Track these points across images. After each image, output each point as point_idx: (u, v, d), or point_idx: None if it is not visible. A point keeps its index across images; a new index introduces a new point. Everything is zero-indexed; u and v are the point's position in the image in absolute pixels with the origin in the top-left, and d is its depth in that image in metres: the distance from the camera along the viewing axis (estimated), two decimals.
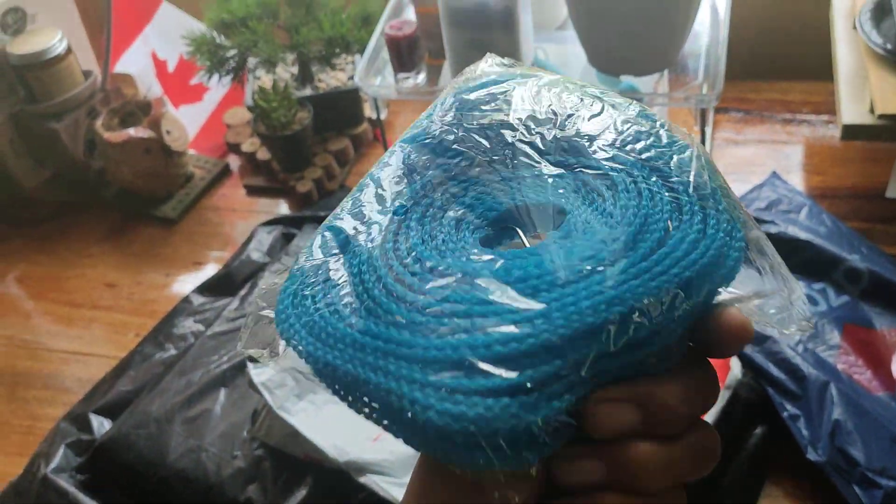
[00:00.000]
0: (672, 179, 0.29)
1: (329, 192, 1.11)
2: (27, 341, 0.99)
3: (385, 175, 0.32)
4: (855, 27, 0.92)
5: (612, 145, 0.30)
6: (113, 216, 1.16)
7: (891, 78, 0.86)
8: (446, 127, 0.32)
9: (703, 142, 0.93)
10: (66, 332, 0.99)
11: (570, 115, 0.31)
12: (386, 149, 1.02)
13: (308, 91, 1.13)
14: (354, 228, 0.31)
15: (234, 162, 1.21)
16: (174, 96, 1.20)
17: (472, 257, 0.28)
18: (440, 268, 0.28)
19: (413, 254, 0.29)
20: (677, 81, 0.95)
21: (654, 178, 0.29)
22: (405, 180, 0.32)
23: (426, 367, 0.26)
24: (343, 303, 0.29)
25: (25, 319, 1.02)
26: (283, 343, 0.30)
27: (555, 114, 0.31)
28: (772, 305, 0.29)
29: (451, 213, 0.30)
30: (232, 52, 1.07)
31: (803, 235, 0.88)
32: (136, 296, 1.03)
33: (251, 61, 1.10)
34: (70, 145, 1.11)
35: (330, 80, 1.15)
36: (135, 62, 1.15)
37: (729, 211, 0.28)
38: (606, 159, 0.30)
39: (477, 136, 0.32)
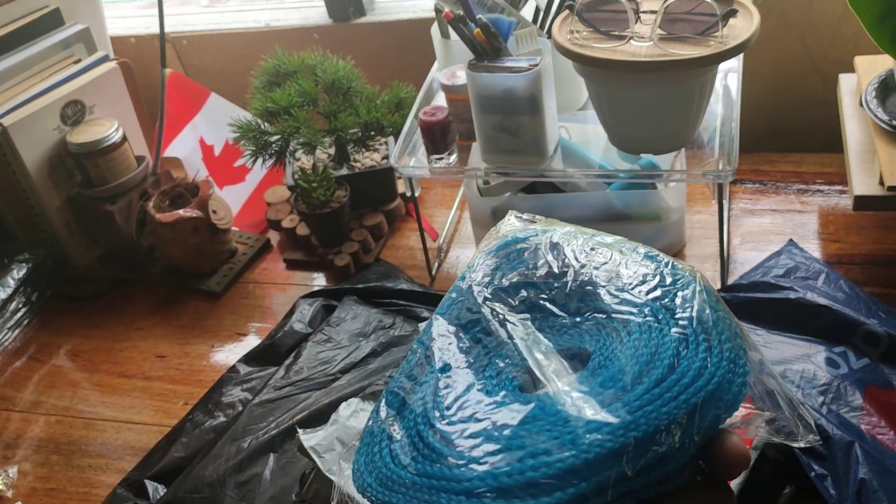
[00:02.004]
0: (677, 315, 0.32)
1: (365, 265, 1.16)
2: (82, 411, 1.04)
3: (430, 338, 0.37)
4: (861, 104, 0.98)
5: (621, 289, 0.34)
6: (161, 291, 1.22)
7: None
8: (478, 289, 0.37)
9: (720, 214, 0.98)
10: (118, 402, 1.04)
11: (583, 266, 0.35)
12: (420, 224, 1.08)
13: (345, 170, 1.20)
14: (409, 389, 0.36)
15: (274, 237, 1.28)
16: (219, 178, 1.27)
17: (508, 402, 0.32)
18: (489, 411, 0.32)
19: (459, 402, 0.33)
20: (695, 157, 1.00)
21: (661, 315, 0.32)
22: (449, 341, 0.36)
23: (471, 496, 0.29)
24: (403, 452, 0.33)
25: (80, 391, 1.08)
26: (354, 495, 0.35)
27: (568, 266, 0.35)
28: (779, 421, 0.32)
29: (490, 366, 0.35)
30: (275, 138, 1.14)
31: (822, 301, 0.92)
32: (184, 366, 1.08)
33: (292, 144, 1.18)
34: (123, 225, 1.19)
35: (365, 159, 1.22)
36: (184, 147, 1.24)
37: (731, 340, 0.31)
38: (617, 303, 0.33)
39: (503, 296, 0.36)
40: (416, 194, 1.09)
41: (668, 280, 0.33)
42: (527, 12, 1.05)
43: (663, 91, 0.89)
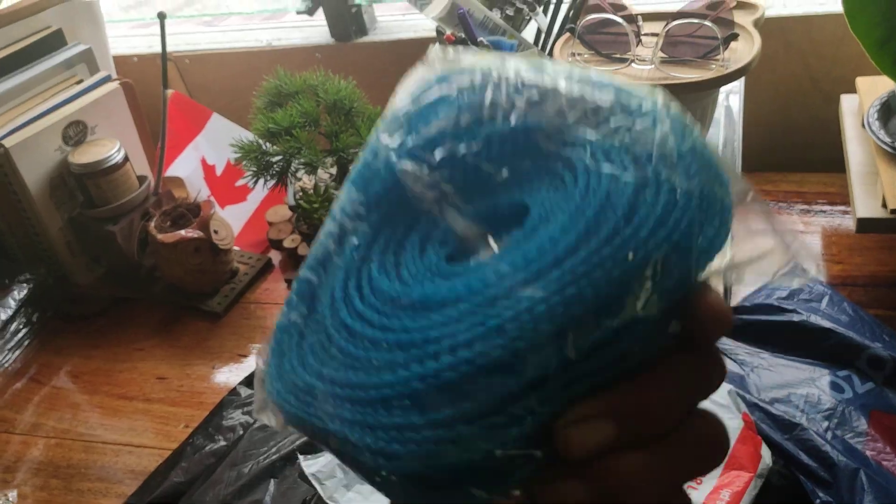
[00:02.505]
0: (636, 150, 0.25)
1: None
2: (82, 434, 1.03)
3: (338, 214, 0.31)
4: (863, 125, 0.98)
5: (563, 128, 0.27)
6: (162, 311, 1.22)
7: None
8: (392, 148, 0.30)
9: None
10: (118, 425, 1.04)
11: (514, 104, 0.28)
12: None
13: None
14: (319, 275, 0.30)
15: (275, 257, 1.28)
16: (221, 197, 1.27)
17: (430, 281, 0.27)
18: (401, 298, 0.26)
19: (374, 287, 0.28)
20: None
21: (613, 154, 0.26)
22: (359, 215, 0.30)
23: (377, 407, 0.24)
24: (312, 354, 0.28)
25: (80, 413, 1.07)
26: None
27: (496, 106, 0.28)
28: (772, 263, 0.26)
29: (414, 236, 0.29)
30: (277, 158, 1.14)
31: (825, 324, 0.91)
32: (185, 388, 1.07)
33: (294, 164, 1.18)
34: (124, 245, 1.18)
35: None
36: (185, 167, 1.24)
37: (703, 171, 0.25)
38: (558, 145, 0.27)
39: (421, 154, 0.29)
40: None
41: (623, 109, 0.26)
42: (528, 34, 1.05)
43: None
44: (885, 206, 0.90)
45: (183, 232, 1.14)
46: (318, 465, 0.75)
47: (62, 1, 1.24)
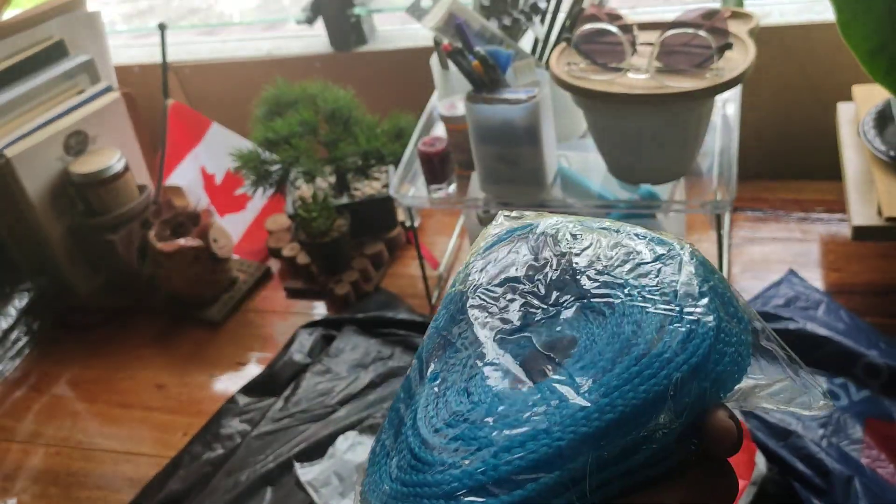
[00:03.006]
0: (662, 290, 0.30)
1: (365, 293, 1.16)
2: (81, 442, 1.04)
3: (425, 352, 0.37)
4: (859, 134, 0.98)
5: (601, 272, 0.32)
6: (161, 320, 1.22)
7: (895, 183, 0.91)
8: (465, 294, 0.36)
9: (720, 244, 0.98)
10: (117, 433, 1.04)
11: (563, 254, 0.34)
12: (419, 252, 1.08)
13: (345, 199, 1.20)
14: (406, 405, 0.35)
15: (274, 265, 1.28)
16: (220, 206, 1.28)
17: (487, 401, 0.31)
18: (470, 414, 0.31)
19: (448, 408, 0.33)
20: (694, 185, 1.00)
21: (643, 292, 0.31)
22: (439, 351, 0.36)
23: (450, 498, 0.29)
24: (398, 467, 0.33)
25: (79, 421, 1.08)
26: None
27: (548, 257, 0.34)
28: (786, 392, 0.30)
29: (481, 367, 0.34)
30: (276, 167, 1.15)
31: (822, 332, 0.92)
32: (184, 396, 1.08)
33: (292, 173, 1.18)
34: (124, 254, 1.19)
35: (365, 188, 1.23)
36: (185, 176, 1.24)
37: (722, 309, 0.30)
38: (597, 286, 0.32)
39: (485, 297, 0.35)
40: (416, 224, 1.10)
41: (653, 255, 0.32)
42: (525, 44, 1.05)
43: (660, 123, 0.89)
44: (880, 214, 0.90)
45: (182, 241, 1.15)
46: (314, 473, 0.75)
47: (64, 12, 1.25)
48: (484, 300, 0.35)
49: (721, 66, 0.86)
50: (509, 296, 0.34)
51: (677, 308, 0.29)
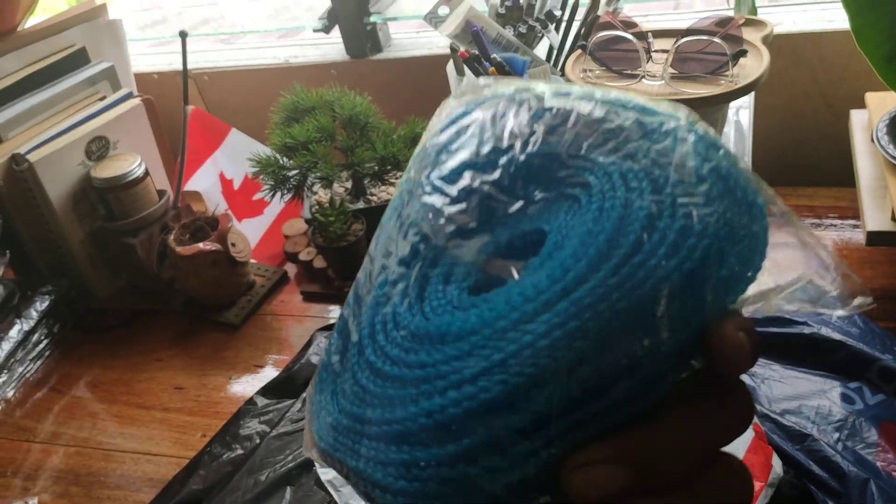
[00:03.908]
0: (654, 173, 0.24)
1: None
2: (101, 442, 1.05)
3: (373, 250, 0.31)
4: (873, 140, 0.99)
5: (577, 153, 0.26)
6: (180, 322, 1.24)
7: None
8: (417, 185, 0.30)
9: None
10: (137, 434, 1.05)
11: (532, 133, 0.27)
12: None
13: (361, 204, 1.22)
14: (352, 313, 0.30)
15: (291, 270, 1.30)
16: (238, 211, 1.30)
17: (449, 314, 0.26)
18: (420, 332, 0.26)
19: (398, 323, 0.27)
20: None
21: (629, 177, 0.24)
22: (388, 252, 0.30)
23: (389, 443, 0.24)
24: (342, 392, 0.28)
25: (99, 422, 1.09)
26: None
27: (514, 137, 0.28)
28: (810, 289, 0.25)
29: (438, 270, 0.28)
30: (293, 172, 1.17)
31: (836, 336, 0.92)
32: (202, 397, 1.09)
33: (310, 178, 1.20)
34: (144, 258, 1.21)
35: (381, 193, 1.24)
36: (204, 181, 1.26)
37: (729, 194, 0.24)
38: (572, 171, 0.26)
39: (441, 186, 0.29)
40: None
41: (643, 131, 0.25)
42: (540, 51, 1.07)
43: None
44: (894, 219, 0.91)
45: (201, 245, 1.16)
46: (334, 473, 0.76)
47: (86, 20, 1.28)
48: (441, 191, 0.28)
49: (735, 73, 0.87)
50: (466, 186, 0.28)
51: (668, 198, 0.23)
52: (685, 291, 0.22)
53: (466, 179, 0.28)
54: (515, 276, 0.25)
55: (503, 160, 0.27)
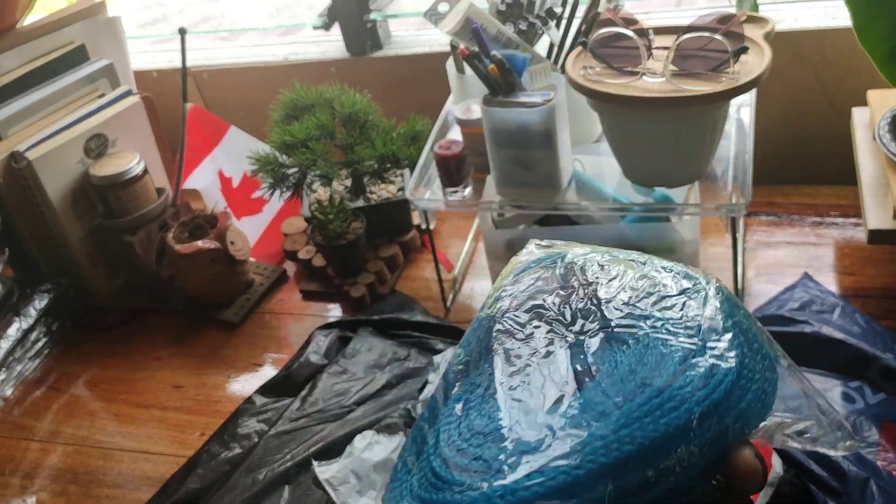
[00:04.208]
0: (687, 324, 0.30)
1: (381, 296, 1.17)
2: (100, 441, 1.05)
3: (449, 373, 0.37)
4: (875, 138, 0.99)
5: (627, 303, 0.33)
6: (179, 321, 1.23)
7: None
8: (490, 319, 0.37)
9: (734, 248, 0.98)
10: (135, 432, 1.05)
11: (590, 284, 0.35)
12: (434, 256, 1.09)
13: (360, 202, 1.21)
14: (429, 423, 0.36)
15: (290, 268, 1.29)
16: (237, 209, 1.29)
17: (514, 421, 0.32)
18: (489, 432, 0.32)
19: (471, 427, 0.33)
20: (709, 189, 1.01)
21: (668, 325, 0.31)
22: (464, 374, 0.36)
23: None
24: (419, 485, 0.33)
25: (98, 420, 1.09)
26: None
27: (576, 286, 0.35)
28: (812, 430, 0.30)
29: (503, 390, 0.34)
30: (293, 170, 1.16)
31: (838, 335, 0.92)
32: (201, 396, 1.09)
33: (309, 176, 1.20)
34: (143, 256, 1.20)
35: (380, 191, 1.24)
36: (203, 179, 1.26)
37: (746, 345, 0.30)
38: (621, 317, 0.33)
39: (512, 319, 0.36)
40: (432, 227, 1.10)
41: (678, 289, 0.32)
42: (541, 48, 1.06)
43: (676, 126, 0.89)
44: None
45: (200, 243, 1.16)
46: (332, 472, 0.76)
47: (86, 17, 1.27)
48: (510, 326, 0.35)
49: (737, 70, 0.87)
50: (535, 322, 0.35)
51: (700, 342, 0.30)
52: (712, 417, 0.27)
53: (535, 319, 0.35)
54: (570, 399, 0.32)
55: (565, 304, 0.35)
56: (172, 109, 1.33)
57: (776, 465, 0.79)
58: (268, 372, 1.10)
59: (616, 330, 0.32)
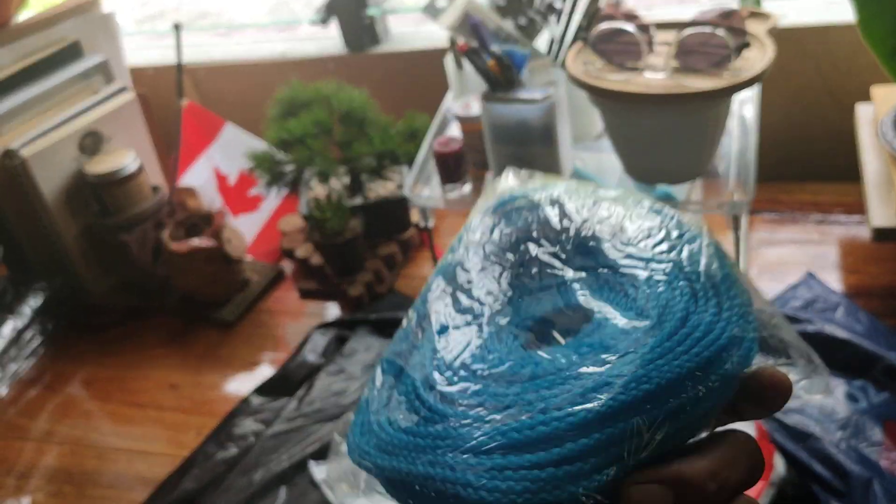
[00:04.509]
0: (686, 269, 0.31)
1: (379, 294, 1.16)
2: (95, 441, 1.04)
3: (429, 302, 0.36)
4: (878, 135, 0.97)
5: (626, 244, 0.33)
6: (174, 321, 1.22)
7: None
8: (474, 250, 0.35)
9: (737, 246, 0.97)
10: (131, 432, 1.04)
11: (584, 221, 0.34)
12: (433, 254, 1.08)
13: (358, 200, 1.20)
14: (406, 355, 0.34)
15: (287, 267, 1.28)
16: (233, 207, 1.28)
17: (510, 361, 0.31)
18: (485, 370, 0.31)
19: (460, 360, 0.32)
20: (711, 186, 1.00)
21: (668, 269, 0.31)
22: (445, 302, 0.35)
23: (478, 452, 0.28)
24: (403, 418, 0.32)
25: (93, 420, 1.08)
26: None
27: (570, 221, 0.34)
28: (794, 374, 0.31)
29: (487, 326, 0.33)
30: (290, 167, 1.15)
31: (841, 334, 0.91)
32: (197, 396, 1.08)
33: (307, 173, 1.18)
34: (138, 254, 1.19)
35: (379, 189, 1.23)
36: (199, 177, 1.24)
37: (740, 295, 0.31)
38: (622, 257, 0.33)
39: (501, 253, 0.35)
40: (430, 225, 1.09)
41: (675, 234, 0.32)
42: (540, 44, 1.05)
43: (677, 122, 0.88)
44: None
45: (196, 241, 1.15)
46: (330, 471, 0.75)
47: (80, 13, 1.26)
48: (499, 256, 0.34)
49: (739, 66, 0.85)
50: (528, 255, 0.34)
51: (701, 289, 0.30)
52: (719, 360, 0.28)
53: (523, 250, 0.34)
54: (560, 339, 0.32)
55: (559, 239, 0.34)
56: (167, 106, 1.32)
57: (778, 465, 0.77)
58: (264, 371, 1.09)
59: (619, 270, 0.33)
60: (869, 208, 0.94)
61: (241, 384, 1.08)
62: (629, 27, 0.88)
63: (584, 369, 0.29)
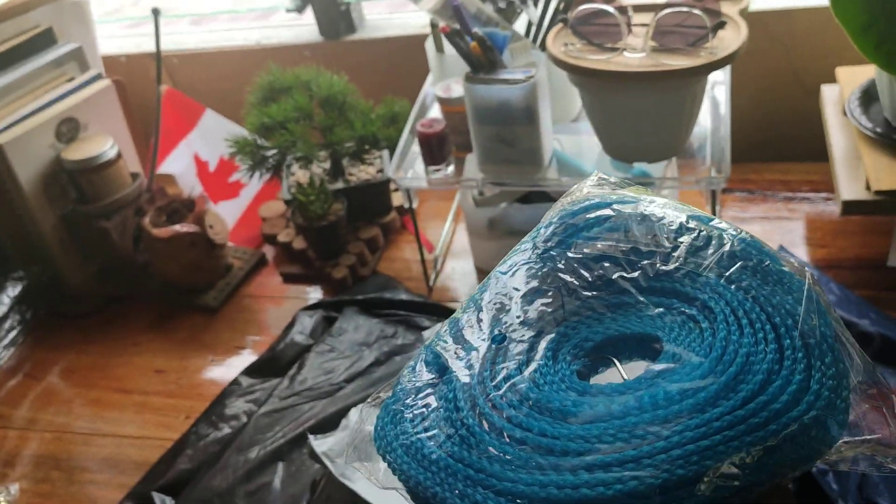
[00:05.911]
0: (776, 319, 0.27)
1: (362, 277, 1.17)
2: (80, 427, 1.03)
3: (486, 300, 0.33)
4: (845, 113, 1.01)
5: (713, 281, 0.29)
6: (157, 307, 1.22)
7: (882, 157, 0.94)
8: (547, 255, 0.32)
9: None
10: (117, 418, 1.04)
11: (674, 248, 0.30)
12: (417, 234, 1.09)
13: (340, 184, 1.21)
14: (454, 353, 0.32)
15: (269, 252, 1.29)
16: (213, 193, 1.28)
17: (567, 392, 0.28)
18: (535, 400, 0.28)
19: (510, 384, 0.29)
20: (686, 165, 1.03)
21: (756, 315, 0.27)
22: (504, 307, 0.32)
23: (511, 499, 0.26)
24: (438, 427, 0.30)
25: (76, 407, 1.07)
26: (382, 461, 0.31)
27: (658, 245, 0.31)
28: (887, 454, 0.27)
29: (545, 344, 0.31)
30: (272, 152, 1.15)
31: None
32: (183, 380, 1.08)
33: (288, 158, 1.19)
34: (118, 241, 1.19)
35: (360, 173, 1.24)
36: (178, 163, 1.24)
37: (836, 364, 0.26)
38: (707, 294, 0.29)
39: (578, 267, 0.31)
40: (415, 206, 1.10)
41: (773, 278, 0.28)
42: (519, 26, 1.07)
43: (655, 100, 0.91)
44: (868, 188, 0.93)
45: (178, 226, 1.15)
46: (329, 444, 0.76)
47: (52, 0, 1.24)
48: (577, 270, 0.31)
49: (714, 45, 0.88)
50: (604, 274, 0.31)
51: (790, 348, 0.26)
52: (797, 439, 0.25)
53: (603, 268, 0.31)
54: (622, 371, 0.29)
55: (642, 263, 0.31)
56: (142, 95, 1.31)
57: None
58: (249, 355, 1.09)
59: (699, 308, 0.28)
60: (838, 184, 0.98)
61: (228, 368, 1.08)
62: (608, 8, 0.91)
63: (642, 428, 0.26)
